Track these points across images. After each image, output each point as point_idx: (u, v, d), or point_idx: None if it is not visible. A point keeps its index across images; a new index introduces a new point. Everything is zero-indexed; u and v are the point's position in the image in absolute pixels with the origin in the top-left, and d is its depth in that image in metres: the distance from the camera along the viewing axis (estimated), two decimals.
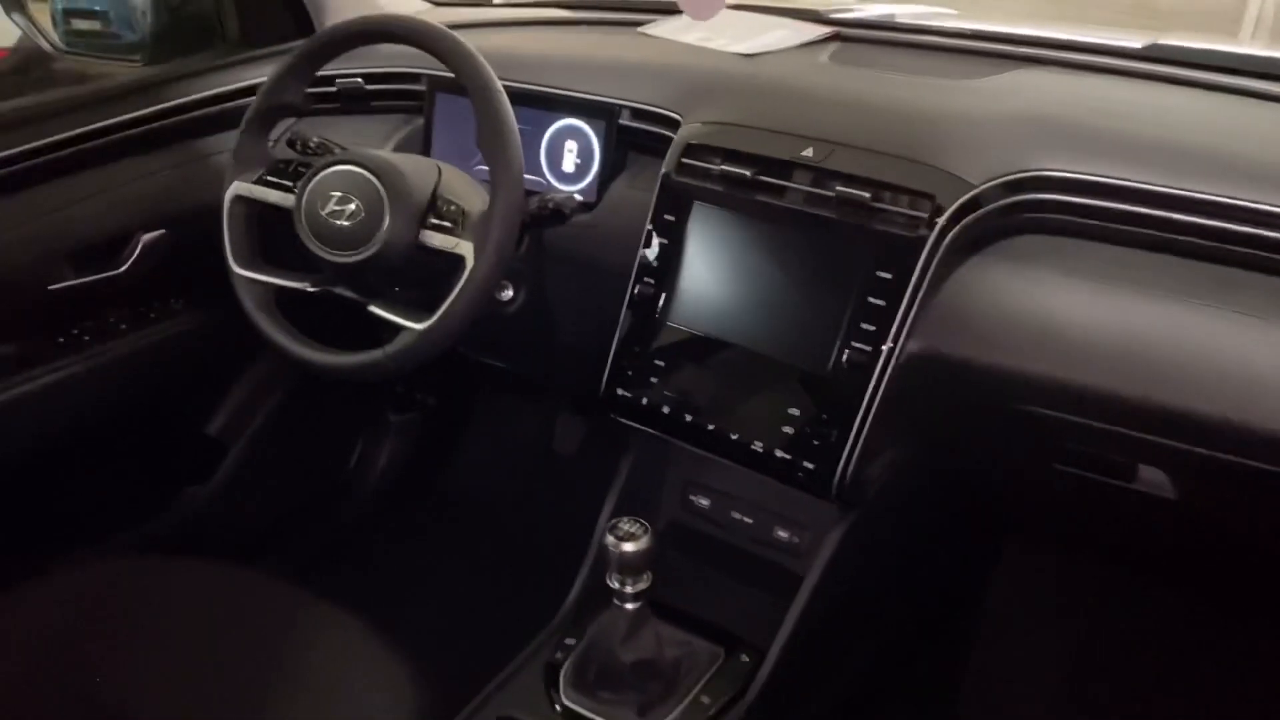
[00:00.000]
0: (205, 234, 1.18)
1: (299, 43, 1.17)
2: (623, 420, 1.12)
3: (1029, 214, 1.00)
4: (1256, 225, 0.91)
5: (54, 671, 0.98)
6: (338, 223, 1.06)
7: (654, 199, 1.11)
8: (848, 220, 1.00)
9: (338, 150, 1.18)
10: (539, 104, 1.26)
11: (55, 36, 1.67)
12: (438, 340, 1.04)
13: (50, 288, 1.25)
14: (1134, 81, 1.17)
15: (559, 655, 1.06)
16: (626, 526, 0.96)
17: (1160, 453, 0.94)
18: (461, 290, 1.03)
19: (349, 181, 1.07)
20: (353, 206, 1.06)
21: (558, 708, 1.00)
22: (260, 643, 1.02)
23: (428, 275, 1.08)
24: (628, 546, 0.95)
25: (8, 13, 1.57)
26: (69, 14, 1.70)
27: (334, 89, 1.39)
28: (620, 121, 1.22)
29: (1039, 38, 1.28)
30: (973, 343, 0.98)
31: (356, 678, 0.99)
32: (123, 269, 1.31)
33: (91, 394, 1.32)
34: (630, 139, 1.21)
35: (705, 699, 1.01)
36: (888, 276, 0.98)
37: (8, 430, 1.23)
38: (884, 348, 0.97)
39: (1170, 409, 0.90)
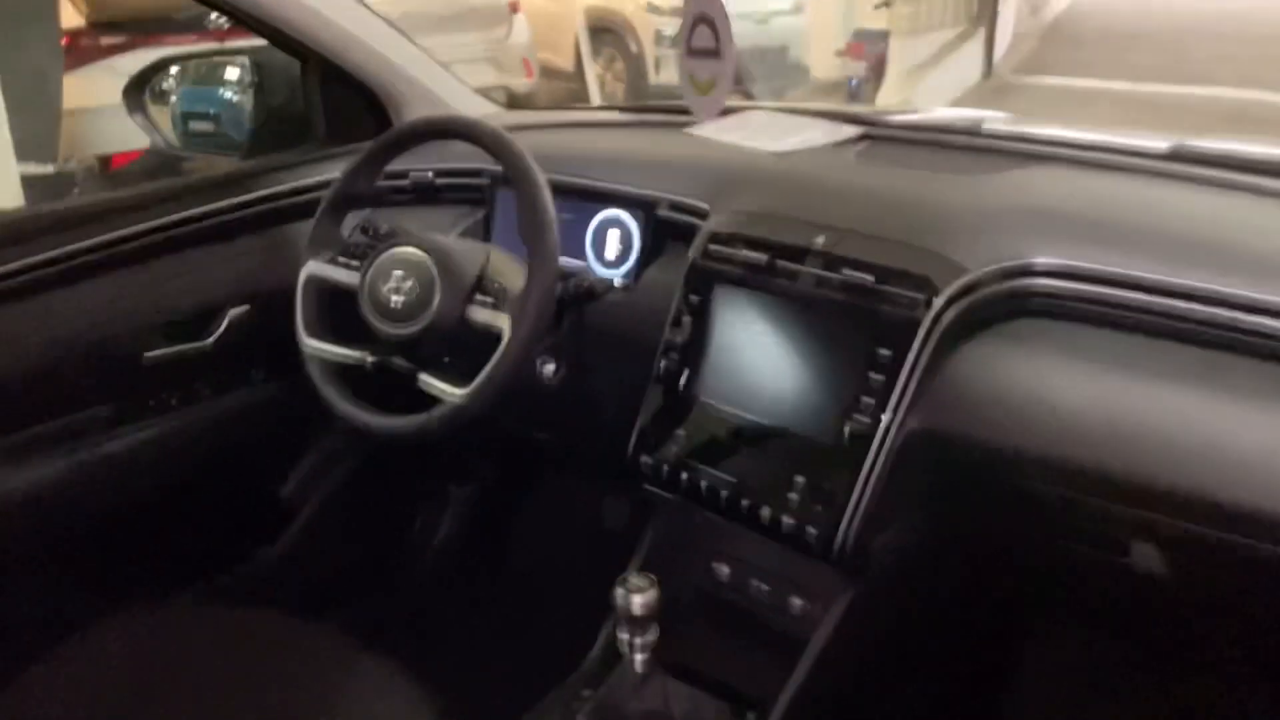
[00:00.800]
0: (284, 310, 1.31)
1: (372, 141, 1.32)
2: (646, 487, 1.20)
3: (1026, 299, 1.05)
4: (1249, 313, 0.95)
5: (115, 707, 1.08)
6: (395, 299, 1.18)
7: (681, 281, 1.20)
8: (853, 302, 1.08)
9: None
10: (586, 196, 1.38)
11: (173, 136, 1.88)
12: (476, 406, 1.14)
13: (145, 355, 1.40)
14: (1154, 180, 1.22)
15: (575, 706, 1.11)
16: (635, 580, 1.02)
17: (1150, 529, 0.97)
18: (497, 362, 1.12)
19: (406, 262, 1.20)
20: (409, 284, 1.18)
21: None
22: (299, 687, 1.11)
23: (473, 346, 1.18)
24: (636, 599, 1.01)
25: (130, 113, 1.76)
26: (187, 116, 1.92)
27: (407, 182, 1.54)
28: (658, 213, 1.32)
29: (1065, 139, 1.34)
30: (970, 420, 1.03)
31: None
32: (210, 340, 1.45)
33: (174, 453, 1.45)
34: (668, 228, 1.31)
35: None
36: (887, 354, 1.04)
37: (96, 484, 1.37)
38: (883, 419, 1.03)
39: (1157, 484, 0.94)
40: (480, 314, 1.16)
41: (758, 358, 1.14)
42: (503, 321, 1.14)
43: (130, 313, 1.38)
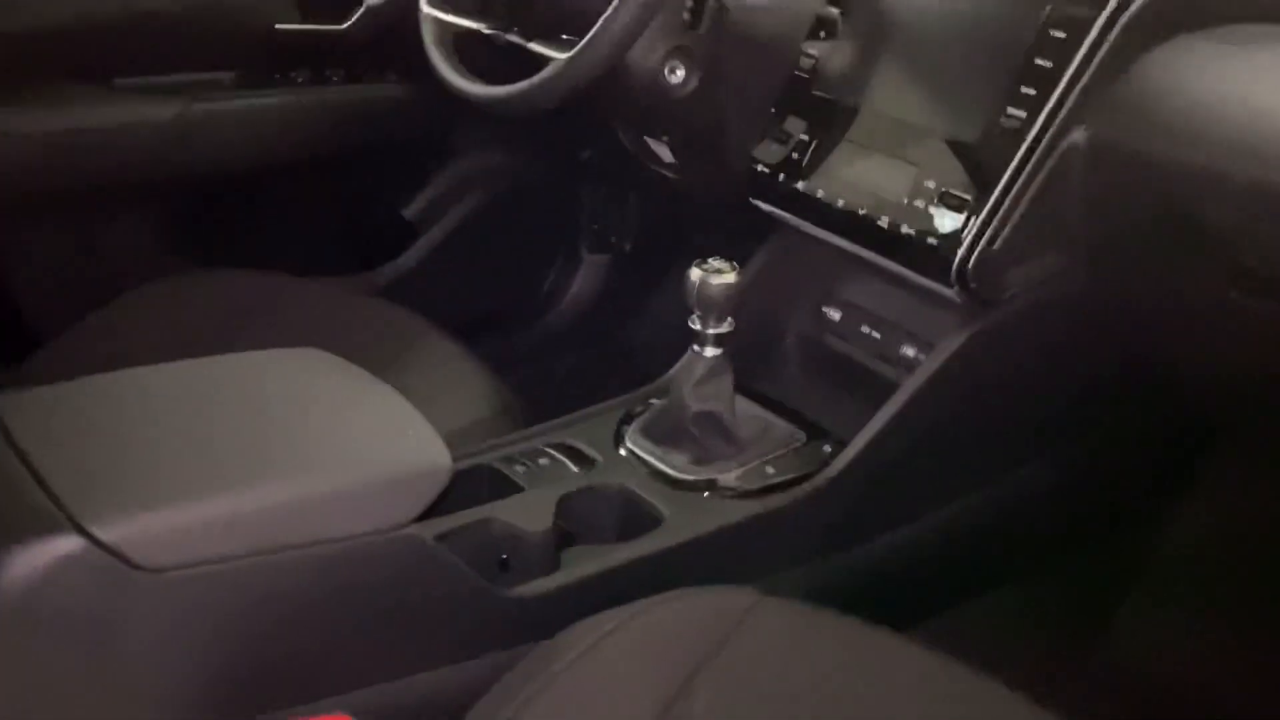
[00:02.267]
0: None
1: None
2: (756, 202, 1.07)
3: None
4: None
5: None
6: None
7: None
8: None
9: None
10: None
11: None
12: (583, 69, 1.03)
13: (277, 26, 1.35)
14: None
15: (639, 409, 1.02)
16: (715, 262, 0.90)
17: None
18: (608, 18, 1.01)
19: None
20: None
21: (621, 450, 0.97)
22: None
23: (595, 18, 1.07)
24: (714, 280, 0.89)
25: None
26: None
27: None
28: None
29: None
30: (1152, 131, 0.85)
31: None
32: (345, 25, 1.40)
33: (292, 128, 1.41)
34: None
35: (771, 469, 0.94)
36: (1061, 36, 0.87)
37: (206, 139, 1.34)
38: (1042, 114, 0.86)
39: None
40: None
41: (910, 52, 0.99)
42: None
43: None
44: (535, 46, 1.09)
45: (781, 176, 1.04)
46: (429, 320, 1.19)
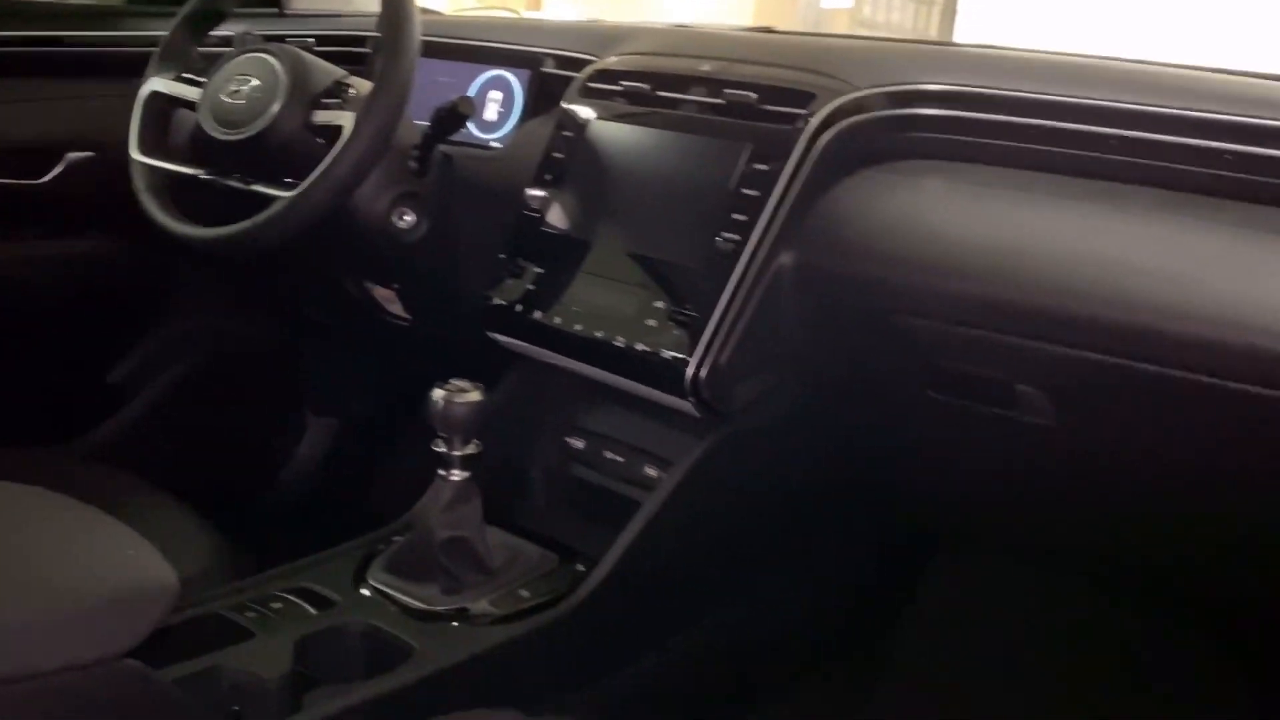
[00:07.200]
0: None
1: None
2: (493, 335, 1.08)
3: (912, 133, 0.98)
4: (1130, 127, 0.89)
5: None
6: (233, 102, 1.07)
7: (555, 121, 1.11)
8: (733, 122, 1.00)
9: None
10: (467, 56, 1.29)
11: None
12: (307, 209, 1.02)
13: None
14: None
15: (381, 548, 0.97)
16: (458, 383, 0.90)
17: (1035, 363, 0.88)
18: (335, 157, 1.01)
19: (255, 65, 1.09)
20: (249, 86, 1.08)
21: (363, 590, 0.91)
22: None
23: (320, 160, 1.07)
24: (458, 400, 0.89)
25: None
26: None
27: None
28: (543, 69, 1.23)
29: None
30: (847, 254, 0.95)
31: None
32: (43, 180, 1.31)
33: None
34: (552, 86, 1.22)
35: (525, 592, 0.92)
36: (763, 168, 0.96)
37: None
38: (752, 238, 0.94)
39: (1043, 310, 0.86)
40: (323, 115, 1.06)
41: (631, 190, 1.05)
42: (345, 120, 1.03)
43: None
44: (259, 187, 1.07)
45: (519, 309, 1.06)
46: (141, 478, 1.10)
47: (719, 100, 1.01)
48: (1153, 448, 0.88)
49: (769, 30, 1.32)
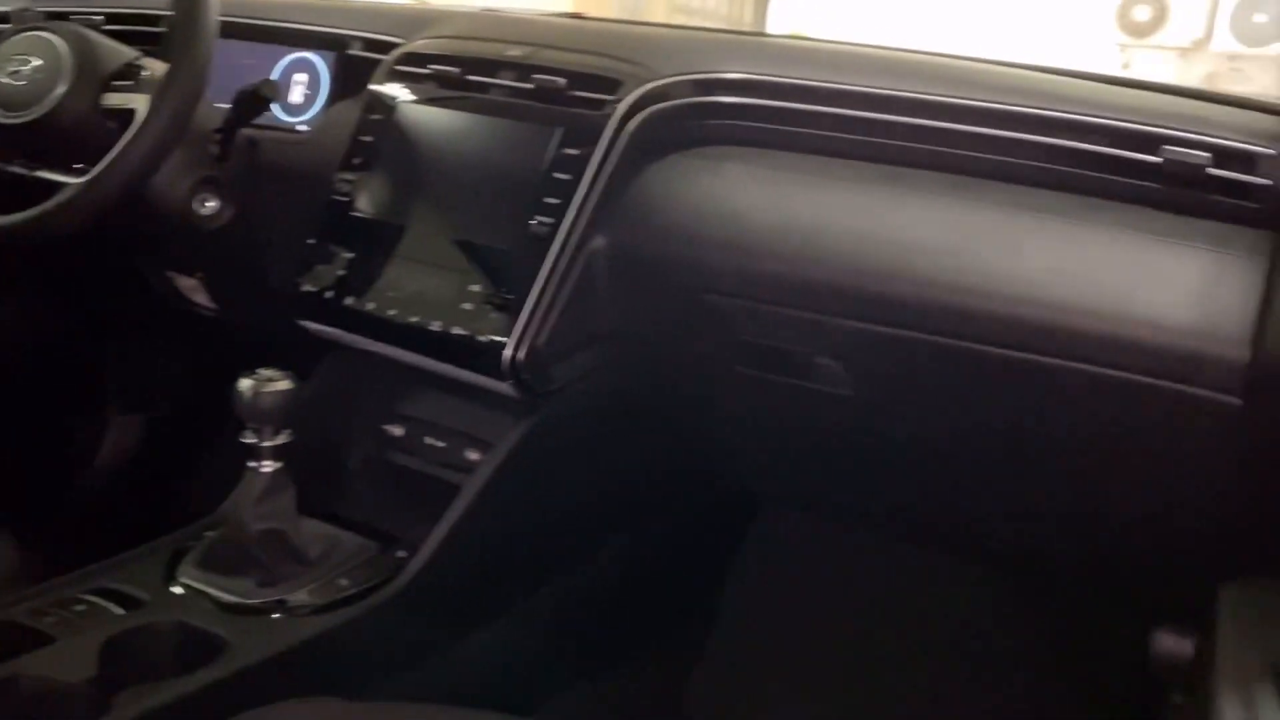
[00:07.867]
0: None
1: None
2: (307, 324, 1.06)
3: (714, 120, 1.02)
4: (914, 115, 0.95)
5: None
6: (12, 83, 1.01)
7: (363, 104, 1.10)
8: (543, 107, 1.01)
9: None
10: (270, 37, 1.25)
11: None
12: (99, 196, 0.97)
13: None
14: None
15: (191, 544, 0.94)
16: (266, 372, 0.88)
17: (832, 337, 0.93)
18: (129, 143, 0.97)
19: (37, 46, 1.03)
20: (30, 67, 1.02)
21: (174, 588, 0.88)
22: None
23: (110, 147, 1.02)
24: (266, 389, 0.87)
25: None
26: None
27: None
28: (349, 51, 1.21)
29: None
30: (656, 236, 0.98)
31: None
32: None
33: None
34: (359, 68, 1.20)
35: (345, 581, 0.91)
36: (574, 153, 0.98)
37: None
38: (566, 220, 0.96)
39: (836, 286, 0.91)
40: (115, 98, 1.01)
41: (443, 173, 1.05)
42: (139, 103, 0.99)
43: None
44: (44, 174, 1.02)
45: (329, 295, 1.05)
46: None
47: (528, 85, 1.03)
48: (944, 414, 0.94)
49: (579, 17, 1.33)
